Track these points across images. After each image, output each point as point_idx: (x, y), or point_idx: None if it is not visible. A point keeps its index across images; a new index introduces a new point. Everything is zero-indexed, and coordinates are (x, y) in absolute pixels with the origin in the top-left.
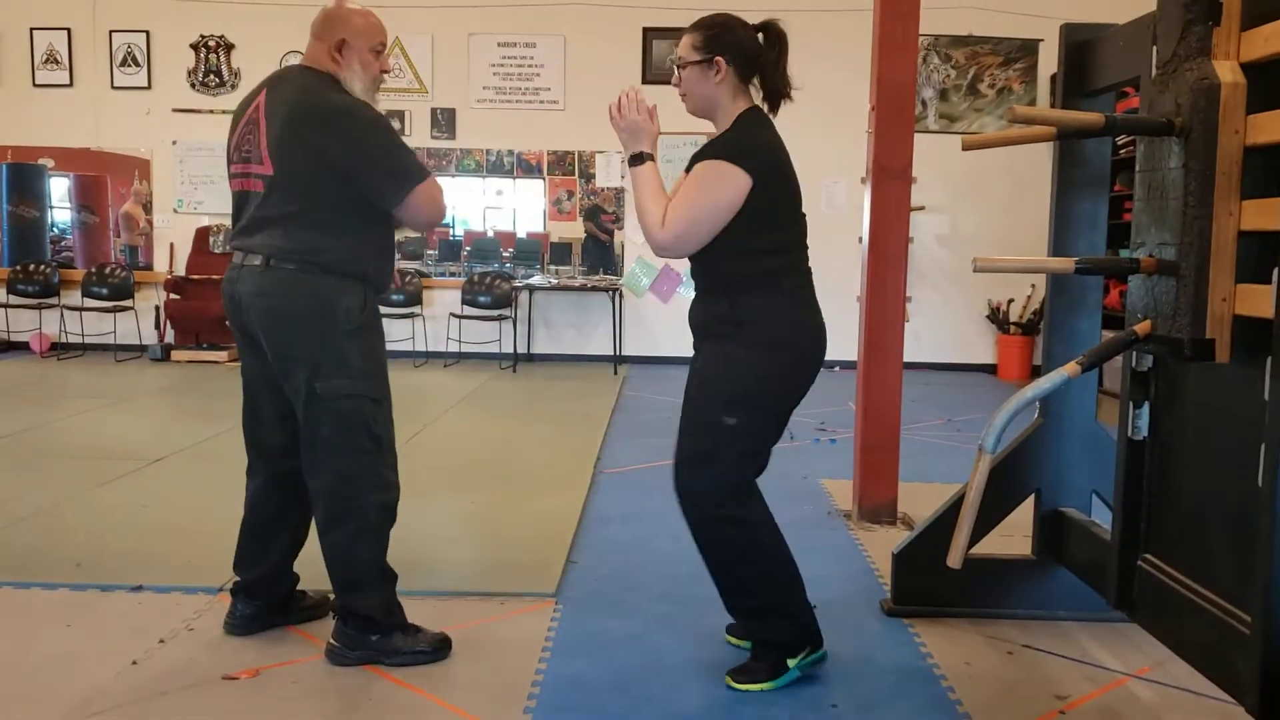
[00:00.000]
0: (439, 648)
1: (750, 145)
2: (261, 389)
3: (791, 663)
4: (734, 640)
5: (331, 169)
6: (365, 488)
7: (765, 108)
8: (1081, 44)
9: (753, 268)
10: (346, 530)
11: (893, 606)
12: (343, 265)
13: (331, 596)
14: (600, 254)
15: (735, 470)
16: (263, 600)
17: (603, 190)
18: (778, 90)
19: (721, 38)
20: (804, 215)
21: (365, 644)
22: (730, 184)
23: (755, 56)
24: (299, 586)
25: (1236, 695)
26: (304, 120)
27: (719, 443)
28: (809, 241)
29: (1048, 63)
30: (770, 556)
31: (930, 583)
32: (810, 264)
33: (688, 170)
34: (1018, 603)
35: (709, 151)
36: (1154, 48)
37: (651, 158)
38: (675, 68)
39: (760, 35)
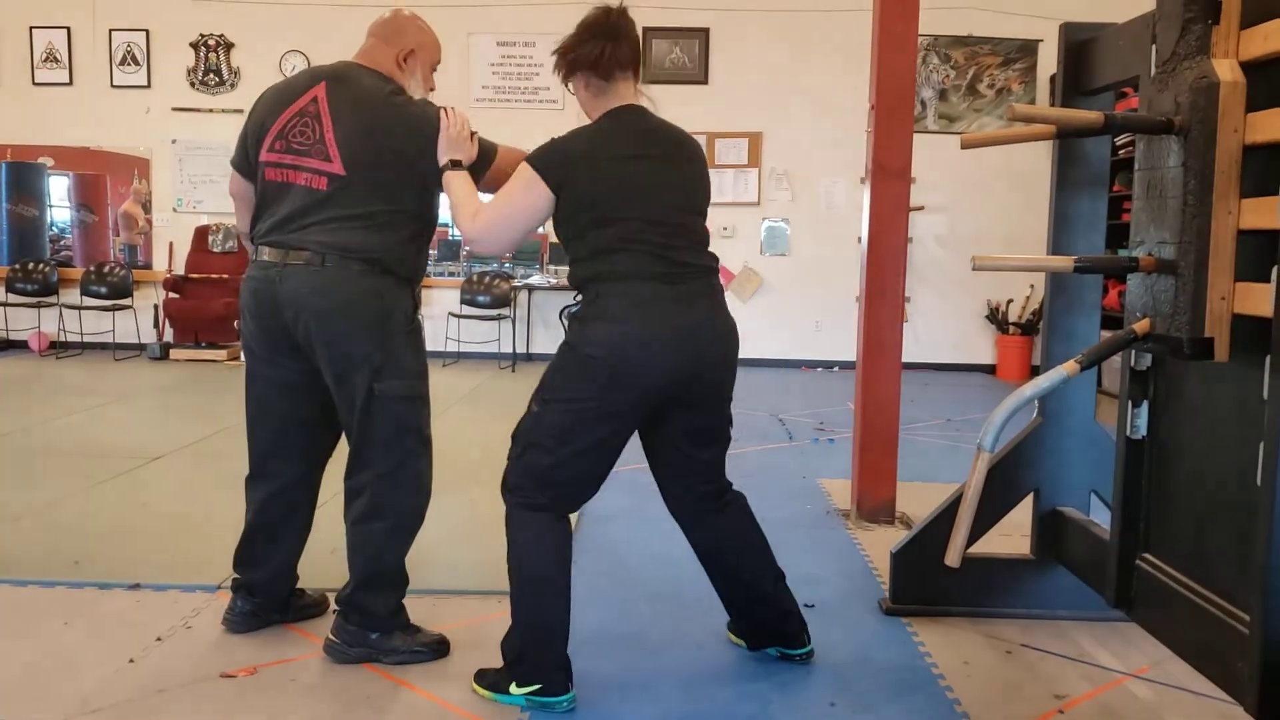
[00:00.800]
0: (437, 647)
1: (552, 152)
2: (285, 394)
3: (515, 689)
4: (735, 638)
5: (416, 176)
6: (408, 490)
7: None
8: (1081, 43)
9: (579, 271)
10: (382, 527)
11: (891, 606)
12: (402, 267)
13: (331, 594)
14: None
15: (526, 462)
16: (262, 597)
17: None
18: (601, 67)
19: (564, 59)
20: (635, 217)
21: (365, 641)
22: (529, 188)
23: (594, 60)
24: (297, 585)
25: (1235, 694)
26: (393, 123)
27: (522, 428)
28: (806, 240)
29: (1047, 63)
30: (525, 574)
31: (929, 582)
32: (646, 263)
33: None
34: (1016, 602)
35: (530, 154)
36: (1153, 47)
37: (463, 165)
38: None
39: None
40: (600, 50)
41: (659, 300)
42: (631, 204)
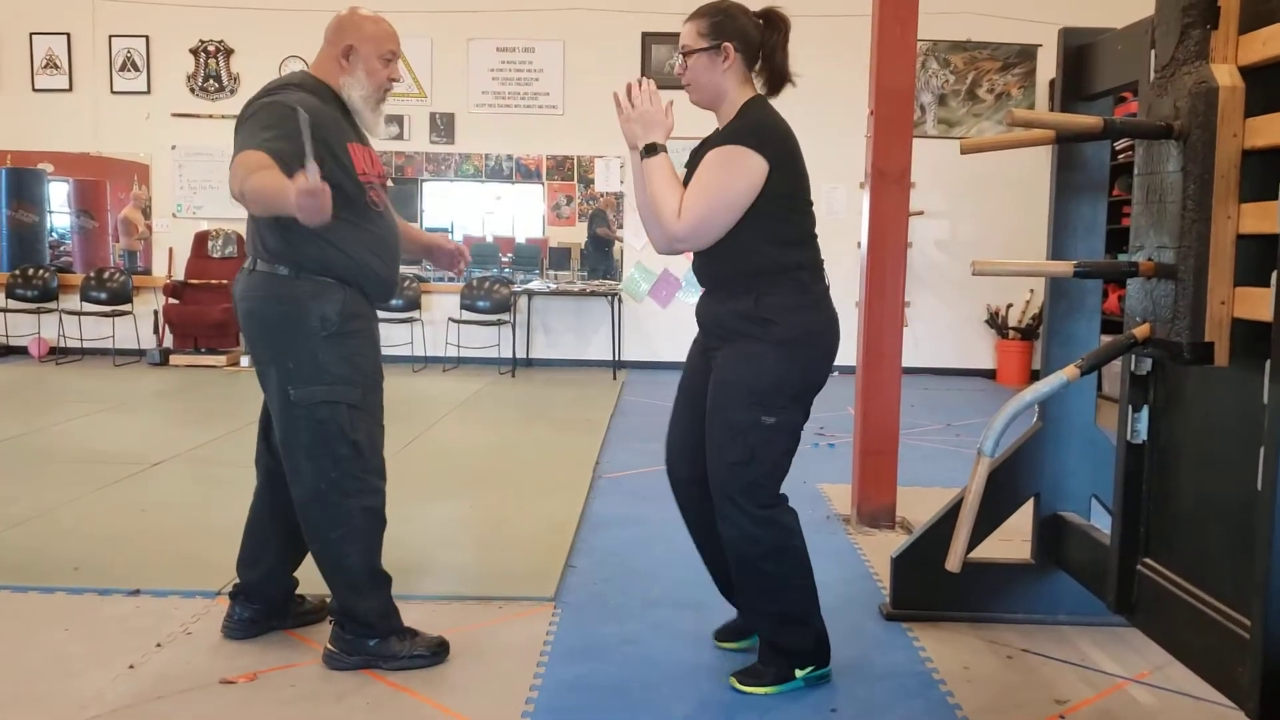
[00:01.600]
0: (437, 652)
1: (765, 130)
2: (264, 395)
3: (799, 673)
4: (724, 645)
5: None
6: (346, 493)
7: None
8: (1080, 48)
9: (773, 261)
10: (332, 535)
11: (892, 611)
12: (320, 267)
13: (328, 601)
14: (599, 259)
15: (778, 468)
16: (261, 603)
17: (602, 195)
18: (781, 74)
19: (727, 24)
20: (813, 204)
21: (362, 649)
22: (747, 169)
23: (758, 43)
24: (297, 591)
25: (1236, 700)
26: (239, 121)
27: (760, 442)
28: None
29: (1046, 68)
30: (798, 563)
31: (929, 587)
32: (821, 254)
33: (689, 165)
34: (1017, 607)
35: (721, 139)
36: (1152, 52)
37: (665, 149)
38: (680, 56)
39: (761, 21)
40: (776, 40)
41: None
42: (810, 193)
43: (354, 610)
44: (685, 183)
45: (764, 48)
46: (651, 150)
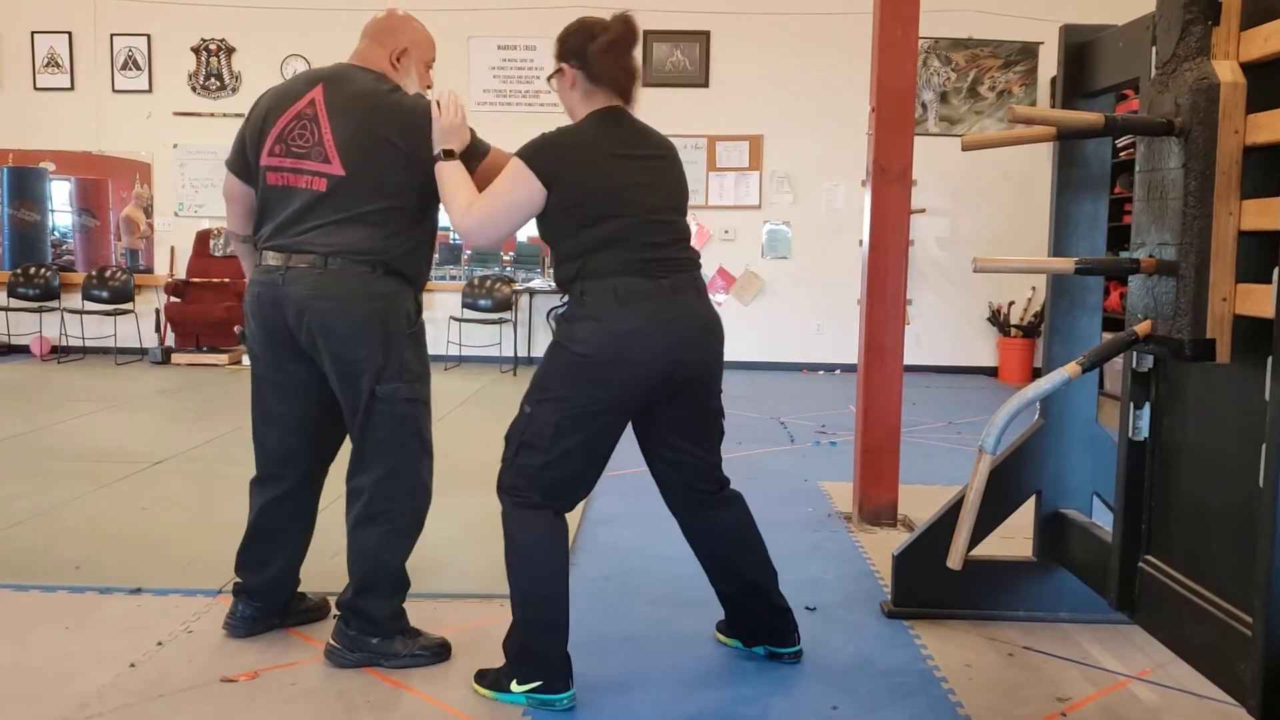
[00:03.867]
0: (439, 652)
1: (545, 146)
2: (289, 398)
3: (515, 687)
4: (723, 638)
5: (416, 172)
6: (406, 492)
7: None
8: (1081, 45)
9: (566, 271)
10: (380, 530)
11: (893, 608)
12: (405, 268)
13: (332, 598)
14: None
15: (519, 463)
16: (263, 601)
17: None
18: (611, 79)
19: (567, 43)
20: (625, 214)
21: (365, 646)
22: (521, 182)
23: (594, 53)
24: (299, 589)
25: (1238, 697)
26: (390, 120)
27: (514, 428)
28: (808, 243)
29: (1048, 65)
30: (525, 572)
31: (931, 584)
32: (632, 259)
33: None
34: (1018, 604)
35: (521, 148)
36: (1153, 48)
37: (457, 155)
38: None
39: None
40: (600, 46)
41: (645, 295)
42: (620, 202)
43: (368, 607)
44: None
45: (591, 54)
46: (448, 155)
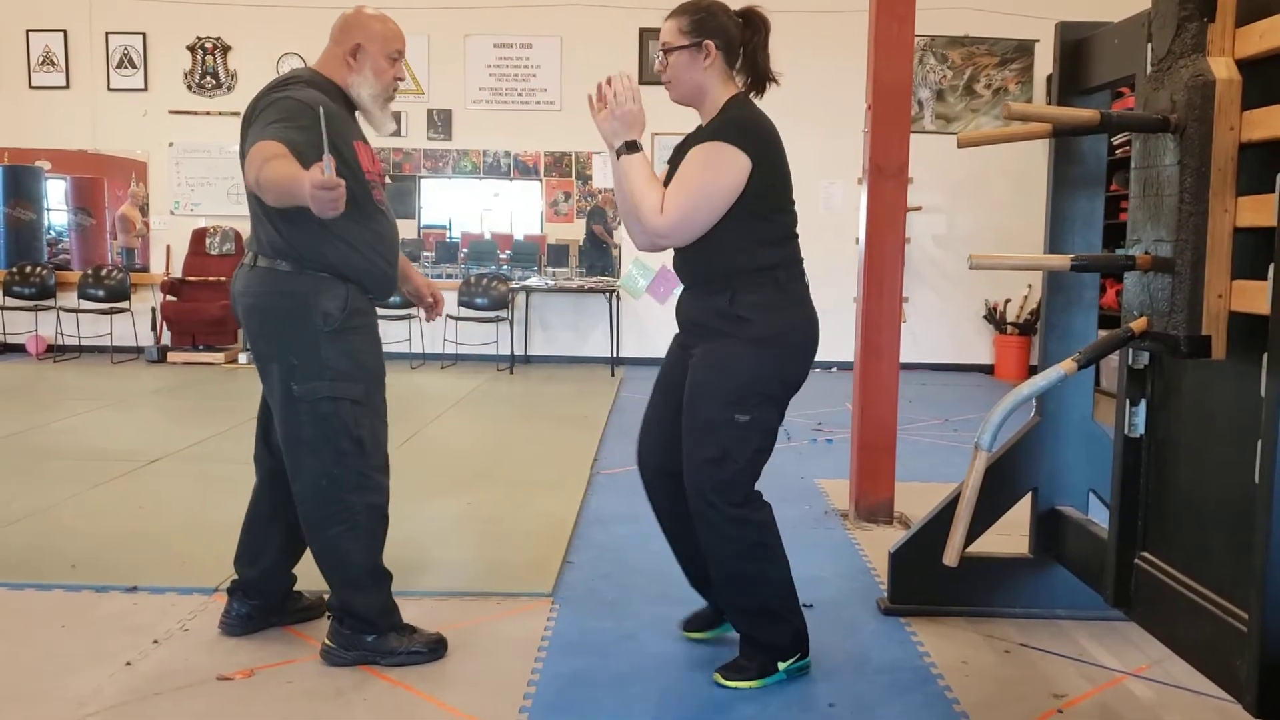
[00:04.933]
0: (435, 648)
1: (748, 127)
2: (263, 391)
3: (781, 665)
4: (692, 635)
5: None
6: (349, 489)
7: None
8: (1077, 42)
9: (750, 260)
10: (334, 532)
11: (889, 605)
12: (323, 263)
13: (326, 597)
14: (597, 256)
15: (751, 466)
16: (259, 599)
17: (601, 191)
18: (763, 74)
19: (708, 22)
20: (794, 203)
21: (360, 644)
22: (730, 166)
23: (739, 41)
24: (295, 587)
25: (1234, 693)
26: (252, 116)
27: (733, 440)
28: (804, 241)
29: (1043, 63)
30: (773, 559)
31: (927, 581)
32: (801, 253)
33: (671, 162)
34: (1015, 601)
35: (705, 135)
36: (1149, 45)
37: (641, 146)
38: (661, 53)
39: (741, 20)
40: (757, 40)
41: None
42: (792, 189)
43: (354, 607)
44: (666, 181)
45: (745, 47)
46: (631, 147)
